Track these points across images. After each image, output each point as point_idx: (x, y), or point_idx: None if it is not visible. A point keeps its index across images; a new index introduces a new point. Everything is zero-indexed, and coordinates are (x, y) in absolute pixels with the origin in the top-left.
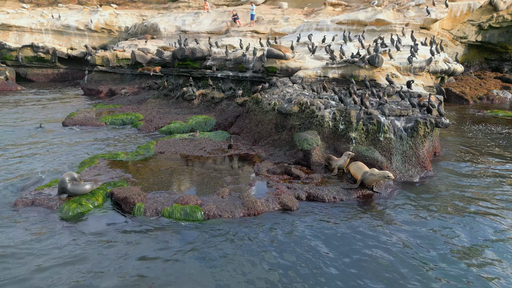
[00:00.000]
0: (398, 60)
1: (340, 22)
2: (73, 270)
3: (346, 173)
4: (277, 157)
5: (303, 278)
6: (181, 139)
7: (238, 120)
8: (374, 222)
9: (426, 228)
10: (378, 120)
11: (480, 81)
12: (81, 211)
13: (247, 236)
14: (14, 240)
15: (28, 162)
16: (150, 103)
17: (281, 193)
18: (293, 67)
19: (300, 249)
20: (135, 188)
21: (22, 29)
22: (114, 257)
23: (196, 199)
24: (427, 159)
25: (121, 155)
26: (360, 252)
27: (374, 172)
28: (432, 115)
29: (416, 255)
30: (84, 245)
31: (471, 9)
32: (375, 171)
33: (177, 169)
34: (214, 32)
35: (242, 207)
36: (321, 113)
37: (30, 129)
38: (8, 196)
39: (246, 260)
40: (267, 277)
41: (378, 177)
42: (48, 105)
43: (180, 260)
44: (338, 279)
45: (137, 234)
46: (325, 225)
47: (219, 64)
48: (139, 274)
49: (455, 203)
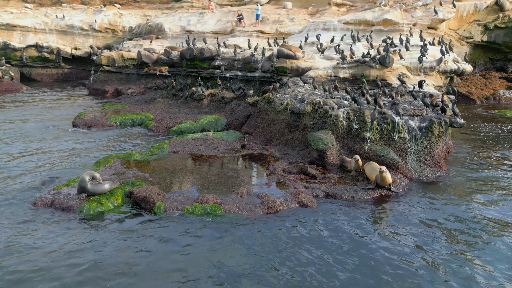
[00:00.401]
0: (408, 60)
1: (347, 22)
2: (105, 268)
3: (362, 173)
4: (291, 156)
5: (327, 277)
6: (193, 138)
7: (250, 120)
8: (392, 221)
9: (444, 228)
10: (392, 119)
11: (485, 81)
12: (101, 210)
13: (271, 234)
14: (40, 239)
15: (40, 161)
16: (158, 103)
17: (299, 193)
18: (304, 67)
19: (323, 248)
20: (154, 187)
21: (26, 29)
22: (144, 254)
23: (216, 198)
24: (442, 158)
25: (135, 154)
26: (380, 252)
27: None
28: (446, 114)
29: (433, 254)
30: (111, 243)
31: (478, 9)
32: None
33: (192, 169)
34: (219, 32)
35: (262, 206)
36: (335, 112)
37: (41, 128)
38: (26, 196)
39: (272, 258)
40: (296, 274)
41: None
42: (55, 105)
43: (208, 255)
44: (361, 276)
45: (161, 232)
46: (344, 225)
47: (227, 64)
48: (172, 269)
49: (473, 202)
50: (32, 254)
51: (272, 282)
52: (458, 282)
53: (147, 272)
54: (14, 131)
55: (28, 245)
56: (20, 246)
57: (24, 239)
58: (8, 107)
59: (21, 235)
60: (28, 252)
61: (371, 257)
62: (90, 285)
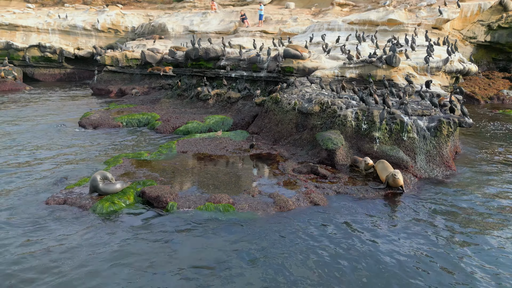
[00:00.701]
0: (415, 60)
1: (351, 22)
2: (125, 267)
3: (372, 172)
4: (300, 156)
5: (341, 275)
6: (201, 138)
7: (257, 120)
8: (403, 221)
9: (455, 228)
10: (401, 119)
11: (488, 81)
12: (114, 210)
13: (286, 232)
14: (56, 239)
15: (49, 161)
16: (164, 103)
17: (310, 192)
18: (310, 67)
19: (339, 246)
20: (166, 187)
21: (29, 29)
22: (161, 253)
23: (228, 198)
24: (450, 158)
25: (144, 154)
26: (393, 252)
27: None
28: (455, 114)
29: (445, 251)
30: (129, 242)
31: (482, 9)
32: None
33: (202, 169)
34: (222, 32)
35: (274, 205)
36: (343, 112)
37: (47, 128)
38: (38, 195)
39: (291, 258)
40: (314, 273)
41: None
42: (60, 105)
43: (226, 252)
44: (375, 274)
45: (177, 231)
46: (357, 224)
47: (232, 64)
48: (193, 265)
49: (484, 202)
50: (46, 252)
51: (299, 278)
52: (469, 280)
53: (167, 270)
54: (20, 131)
55: (40, 243)
56: (32, 245)
57: (36, 237)
58: (13, 107)
59: (33, 234)
60: (42, 250)
61: (383, 258)
62: (114, 281)
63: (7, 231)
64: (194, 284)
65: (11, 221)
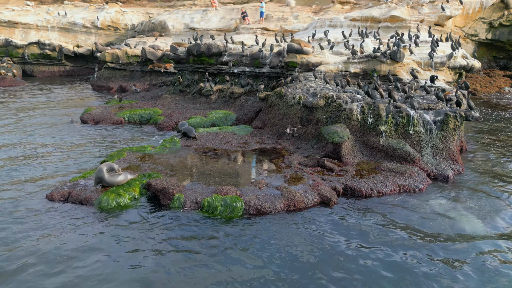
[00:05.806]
0: (419, 56)
1: (353, 18)
2: (131, 260)
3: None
4: (305, 150)
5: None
6: (205, 133)
7: (261, 115)
8: (411, 214)
9: (462, 222)
10: (407, 113)
11: (489, 79)
12: (119, 202)
13: (296, 225)
14: (61, 232)
15: (52, 156)
16: (166, 99)
17: (318, 185)
18: (314, 61)
19: (350, 239)
20: (172, 179)
21: (28, 26)
22: (170, 245)
23: (235, 190)
24: (457, 152)
25: (148, 148)
26: (402, 245)
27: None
28: (461, 108)
29: (454, 247)
30: (134, 235)
31: (484, 6)
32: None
33: (208, 162)
34: (223, 30)
35: (282, 198)
36: (349, 106)
37: (49, 124)
38: (41, 188)
39: (302, 249)
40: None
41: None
42: (60, 101)
43: (236, 245)
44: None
45: (186, 223)
46: (365, 217)
47: (235, 60)
48: (204, 259)
49: (492, 196)
50: (49, 246)
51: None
52: (478, 279)
53: (174, 261)
54: (22, 127)
55: (44, 237)
56: (35, 238)
57: (39, 231)
58: (13, 103)
59: (37, 226)
60: (45, 243)
61: (394, 253)
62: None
63: (10, 224)
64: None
65: (15, 214)
